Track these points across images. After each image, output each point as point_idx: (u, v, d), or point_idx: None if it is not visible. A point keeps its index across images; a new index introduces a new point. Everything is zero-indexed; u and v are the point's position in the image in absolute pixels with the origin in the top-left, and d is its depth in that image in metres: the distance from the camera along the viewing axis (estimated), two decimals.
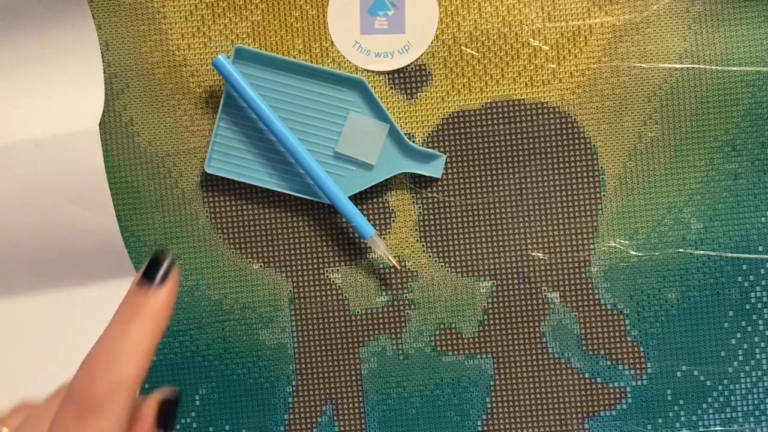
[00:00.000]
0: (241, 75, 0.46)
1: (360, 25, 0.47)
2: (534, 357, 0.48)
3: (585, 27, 0.47)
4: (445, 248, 0.48)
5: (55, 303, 0.48)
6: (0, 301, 0.48)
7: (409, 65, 0.47)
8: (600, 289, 0.47)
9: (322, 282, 0.48)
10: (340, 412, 0.48)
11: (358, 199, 0.47)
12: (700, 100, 0.47)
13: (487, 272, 0.48)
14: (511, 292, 0.47)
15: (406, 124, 0.48)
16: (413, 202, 0.48)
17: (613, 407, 0.48)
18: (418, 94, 0.47)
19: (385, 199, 0.48)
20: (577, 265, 0.47)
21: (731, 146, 0.47)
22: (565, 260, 0.47)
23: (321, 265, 0.48)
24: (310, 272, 0.48)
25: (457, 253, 0.48)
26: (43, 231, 0.47)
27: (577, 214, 0.47)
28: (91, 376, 0.29)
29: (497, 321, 0.48)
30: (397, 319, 0.48)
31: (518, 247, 0.47)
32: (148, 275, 0.31)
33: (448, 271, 0.48)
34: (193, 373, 0.48)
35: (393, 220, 0.48)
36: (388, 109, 0.47)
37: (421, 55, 0.47)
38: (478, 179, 0.47)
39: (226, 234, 0.48)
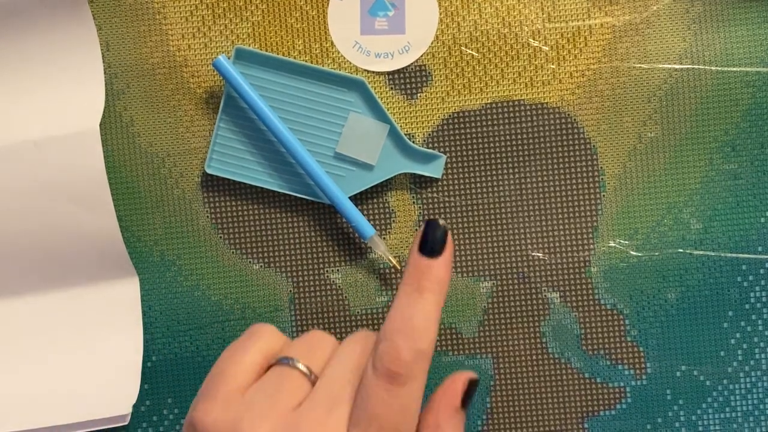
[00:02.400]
0: (242, 75, 0.46)
1: (360, 25, 0.47)
2: (534, 357, 0.48)
3: (585, 28, 0.47)
4: None
5: (55, 303, 0.48)
6: (0, 301, 0.48)
7: (409, 66, 0.47)
8: (600, 289, 0.47)
9: (323, 282, 0.48)
10: None
11: (358, 199, 0.48)
12: (700, 101, 0.47)
13: (487, 272, 0.48)
14: (511, 292, 0.48)
15: (406, 125, 0.48)
16: (413, 203, 0.48)
17: (612, 407, 0.48)
18: (418, 94, 0.48)
19: (386, 200, 0.48)
20: (577, 265, 0.47)
21: (731, 147, 0.47)
22: (565, 260, 0.47)
23: (321, 266, 0.48)
24: (311, 272, 0.48)
25: (457, 253, 0.48)
26: (43, 231, 0.47)
27: (577, 214, 0.47)
28: (396, 347, 0.31)
29: (497, 321, 0.48)
30: None
31: (518, 247, 0.48)
32: (427, 245, 0.32)
33: None
34: (193, 374, 0.48)
35: (393, 221, 0.48)
36: (388, 110, 0.47)
37: (421, 56, 0.47)
38: (478, 180, 0.47)
39: (227, 234, 0.48)
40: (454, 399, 0.35)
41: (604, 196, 0.47)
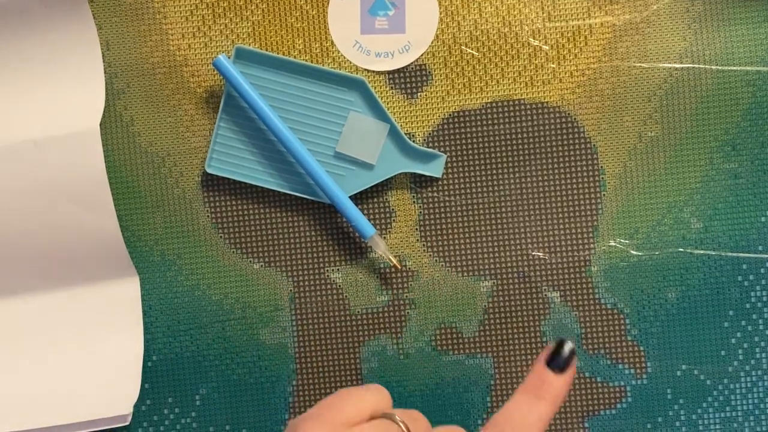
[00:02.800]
0: (242, 75, 0.46)
1: (360, 25, 0.47)
2: (534, 356, 0.48)
3: (585, 27, 0.47)
4: (446, 248, 0.48)
5: (56, 303, 0.48)
6: (0, 301, 0.48)
7: (409, 65, 0.47)
8: (600, 289, 0.47)
9: (323, 281, 0.48)
10: None
11: (358, 198, 0.48)
12: (700, 100, 0.47)
13: (487, 272, 0.48)
14: (512, 292, 0.48)
15: (406, 124, 0.48)
16: (414, 202, 0.48)
17: (613, 406, 0.48)
18: (419, 93, 0.48)
19: (386, 199, 0.48)
20: (577, 264, 0.47)
21: (731, 146, 0.47)
22: (565, 260, 0.47)
23: (321, 265, 0.48)
24: (311, 272, 0.48)
25: (457, 252, 0.48)
26: (43, 231, 0.47)
27: (577, 213, 0.47)
28: None
29: (497, 320, 0.48)
30: (397, 319, 0.48)
31: (519, 247, 0.48)
32: (554, 360, 0.36)
33: (448, 270, 0.48)
34: (194, 373, 0.48)
35: (393, 220, 0.48)
36: (388, 109, 0.47)
37: (422, 55, 0.47)
38: (478, 179, 0.47)
39: (227, 234, 0.48)
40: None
41: (604, 195, 0.47)
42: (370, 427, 0.36)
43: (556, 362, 0.36)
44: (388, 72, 0.48)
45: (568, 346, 0.36)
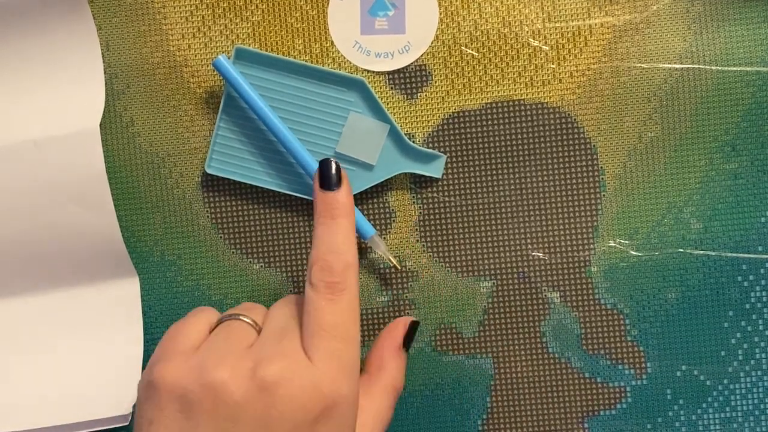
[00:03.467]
0: (242, 75, 0.46)
1: (360, 25, 0.47)
2: (534, 357, 0.48)
3: (585, 27, 0.47)
4: (446, 248, 0.48)
5: (55, 303, 0.48)
6: (0, 301, 0.48)
7: (409, 65, 0.47)
8: (600, 289, 0.47)
9: None
10: None
11: (358, 199, 0.48)
12: (700, 101, 0.47)
13: (487, 272, 0.48)
14: (512, 292, 0.48)
15: (406, 125, 0.48)
16: (413, 202, 0.48)
17: (612, 407, 0.48)
18: (419, 94, 0.48)
19: (386, 200, 0.48)
20: (577, 264, 0.47)
21: (731, 146, 0.47)
22: (565, 260, 0.47)
23: None
24: None
25: (457, 253, 0.48)
26: (43, 231, 0.47)
27: (577, 214, 0.47)
28: (328, 264, 0.37)
29: (497, 321, 0.48)
30: None
31: (518, 247, 0.48)
32: (327, 181, 0.39)
33: (448, 271, 0.48)
34: None
35: (393, 220, 0.48)
36: (388, 110, 0.47)
37: (422, 56, 0.47)
38: (478, 179, 0.47)
39: (227, 234, 0.48)
40: (396, 339, 0.42)
41: (604, 195, 0.47)
42: (216, 337, 0.37)
43: (328, 181, 0.39)
44: (388, 72, 0.48)
45: (332, 163, 0.39)
